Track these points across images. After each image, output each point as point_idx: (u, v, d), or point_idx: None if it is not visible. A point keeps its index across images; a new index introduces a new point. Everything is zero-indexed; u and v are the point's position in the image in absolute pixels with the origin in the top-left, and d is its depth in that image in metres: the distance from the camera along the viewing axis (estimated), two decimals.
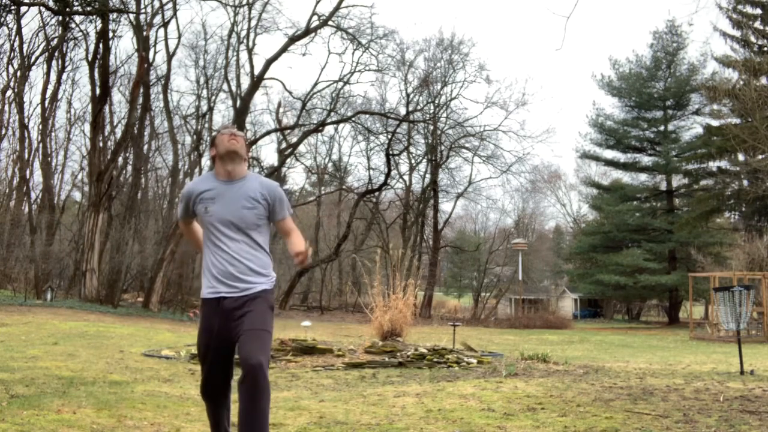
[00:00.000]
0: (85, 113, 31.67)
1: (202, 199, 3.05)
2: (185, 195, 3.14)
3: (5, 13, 25.50)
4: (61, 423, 3.84)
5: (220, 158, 3.05)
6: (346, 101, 32.98)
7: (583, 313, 44.98)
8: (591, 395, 5.48)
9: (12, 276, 22.98)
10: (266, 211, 3.06)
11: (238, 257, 3.01)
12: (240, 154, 3.05)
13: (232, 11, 28.70)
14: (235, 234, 3.01)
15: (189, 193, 3.13)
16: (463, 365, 8.25)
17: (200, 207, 3.05)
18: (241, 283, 2.99)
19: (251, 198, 3.03)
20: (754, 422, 4.31)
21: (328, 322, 26.25)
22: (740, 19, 27.30)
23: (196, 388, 5.77)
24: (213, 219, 3.01)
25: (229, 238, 3.01)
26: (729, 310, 8.05)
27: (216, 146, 3.07)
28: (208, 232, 3.06)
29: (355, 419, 4.40)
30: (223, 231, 3.01)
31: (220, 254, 3.02)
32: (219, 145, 3.05)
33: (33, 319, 14.12)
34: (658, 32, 36.74)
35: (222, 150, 3.04)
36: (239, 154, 3.04)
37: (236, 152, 3.03)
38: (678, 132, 36.79)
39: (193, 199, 3.09)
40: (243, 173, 3.09)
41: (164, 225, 29.15)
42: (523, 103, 45.95)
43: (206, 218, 3.04)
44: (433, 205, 37.99)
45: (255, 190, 3.05)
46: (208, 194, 3.05)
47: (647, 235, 35.66)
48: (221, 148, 3.04)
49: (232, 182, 3.05)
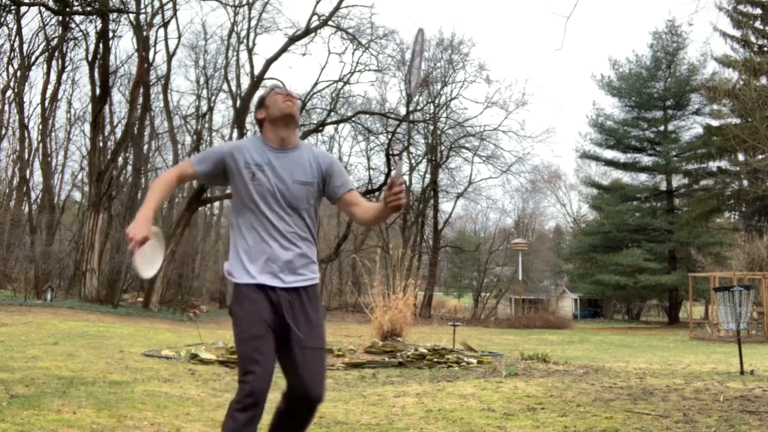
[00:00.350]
0: (85, 113, 31.71)
1: (249, 163, 2.48)
2: (227, 150, 2.53)
3: (5, 13, 25.51)
4: (61, 423, 3.84)
5: (271, 122, 2.55)
6: (346, 101, 33.00)
7: (583, 313, 44.99)
8: (591, 395, 5.48)
9: (12, 276, 22.98)
10: (320, 188, 2.58)
11: (289, 241, 2.49)
12: (296, 120, 2.57)
13: (232, 11, 28.75)
14: (285, 212, 2.49)
15: (233, 149, 2.53)
16: (463, 365, 8.25)
17: (246, 172, 2.47)
18: (291, 275, 2.48)
19: (306, 171, 2.54)
20: (754, 422, 4.31)
21: (328, 322, 26.09)
22: (740, 18, 27.30)
23: (197, 388, 5.78)
24: (262, 189, 2.46)
25: (279, 217, 2.48)
26: (729, 310, 8.05)
27: (267, 107, 2.56)
28: (249, 206, 2.48)
29: (355, 419, 4.40)
30: (272, 206, 2.47)
31: (265, 234, 2.47)
32: (272, 107, 2.54)
33: (33, 319, 14.12)
34: (658, 32, 36.77)
35: (276, 113, 2.53)
36: (295, 120, 2.56)
37: (293, 116, 2.55)
38: (678, 132, 36.81)
39: (237, 158, 2.50)
40: (296, 142, 2.60)
41: (164, 225, 29.17)
42: (523, 103, 46.09)
43: (252, 187, 2.46)
44: (433, 205, 38.01)
45: (310, 162, 2.56)
46: (258, 159, 2.50)
47: (647, 235, 35.66)
48: (275, 111, 2.53)
49: (285, 151, 2.54)
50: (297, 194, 2.50)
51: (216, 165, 2.52)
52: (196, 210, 27.40)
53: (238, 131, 27.64)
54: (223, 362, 7.90)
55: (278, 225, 2.47)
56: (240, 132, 27.57)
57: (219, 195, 32.36)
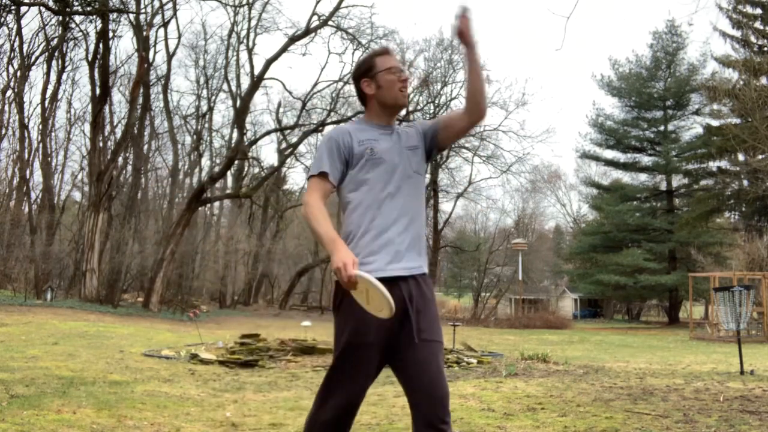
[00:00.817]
0: (85, 113, 31.68)
1: (363, 141, 2.26)
2: (335, 136, 2.27)
3: (5, 13, 25.52)
4: (61, 423, 3.84)
5: (383, 107, 2.34)
6: (346, 101, 32.96)
7: (583, 313, 44.99)
8: (591, 395, 5.48)
9: (12, 276, 22.97)
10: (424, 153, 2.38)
11: (413, 221, 2.25)
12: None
13: (232, 11, 28.72)
14: (405, 188, 2.26)
15: (341, 134, 2.29)
16: (463, 365, 8.25)
17: (361, 149, 2.25)
18: (414, 262, 2.22)
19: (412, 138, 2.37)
20: (754, 422, 4.31)
21: (328, 322, 26.13)
22: (740, 19, 27.30)
23: (197, 388, 5.78)
24: (382, 162, 2.23)
25: (402, 194, 2.25)
26: (729, 310, 8.05)
27: (380, 87, 2.32)
28: (369, 184, 2.22)
29: (355, 419, 4.40)
30: (394, 181, 2.24)
31: (390, 214, 2.20)
32: (386, 90, 2.31)
33: (33, 319, 14.12)
34: (658, 32, 36.77)
35: (390, 100, 2.33)
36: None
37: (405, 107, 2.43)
38: (678, 132, 36.81)
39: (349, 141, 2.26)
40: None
41: (164, 225, 29.15)
42: (523, 103, 46.05)
43: (372, 161, 2.23)
44: (433, 205, 37.99)
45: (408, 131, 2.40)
46: (369, 134, 2.29)
47: (647, 235, 35.66)
48: (389, 98, 2.33)
49: (390, 128, 2.35)
50: (413, 164, 2.31)
51: (338, 154, 2.25)
52: (196, 210, 27.39)
53: (239, 131, 27.63)
54: (223, 362, 7.90)
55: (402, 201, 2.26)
56: (240, 132, 27.57)
57: (219, 195, 32.40)
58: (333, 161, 2.24)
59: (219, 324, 20.29)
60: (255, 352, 8.37)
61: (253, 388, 5.97)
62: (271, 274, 37.71)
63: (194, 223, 28.48)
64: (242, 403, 5.09)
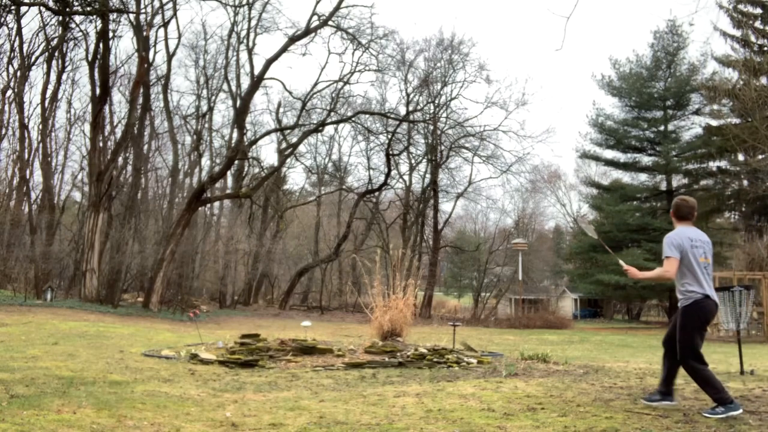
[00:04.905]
0: (85, 113, 31.72)
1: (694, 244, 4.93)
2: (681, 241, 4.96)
3: (5, 13, 25.54)
4: (61, 423, 3.84)
5: (682, 221, 5.10)
6: (346, 101, 33.01)
7: (583, 313, 45.00)
8: (591, 395, 5.48)
9: (12, 276, 22.99)
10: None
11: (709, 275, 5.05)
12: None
13: (232, 11, 28.74)
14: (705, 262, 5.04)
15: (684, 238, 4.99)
16: (463, 365, 8.25)
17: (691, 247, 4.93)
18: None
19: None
20: (754, 422, 4.31)
21: (328, 322, 26.24)
22: (740, 18, 27.31)
23: (197, 388, 5.78)
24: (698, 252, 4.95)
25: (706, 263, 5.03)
26: (729, 310, 8.04)
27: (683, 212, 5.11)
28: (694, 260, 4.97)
29: (355, 419, 4.40)
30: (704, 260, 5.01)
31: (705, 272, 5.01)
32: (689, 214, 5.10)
33: (33, 319, 14.13)
34: (658, 32, 36.74)
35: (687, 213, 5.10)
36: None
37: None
38: (678, 132, 36.79)
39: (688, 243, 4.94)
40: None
41: (164, 225, 29.17)
42: (523, 103, 45.94)
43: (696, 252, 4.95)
44: (433, 205, 37.99)
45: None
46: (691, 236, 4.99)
47: (647, 235, 35.63)
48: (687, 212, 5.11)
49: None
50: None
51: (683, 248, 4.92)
52: (196, 210, 27.39)
53: (239, 131, 27.62)
54: (223, 362, 7.90)
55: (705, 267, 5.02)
56: (240, 132, 27.56)
57: (219, 195, 32.39)
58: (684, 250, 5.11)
59: (219, 324, 20.30)
60: (255, 352, 8.37)
61: (253, 388, 5.97)
62: (271, 274, 37.71)
63: (194, 223, 28.49)
64: (242, 403, 5.09)
